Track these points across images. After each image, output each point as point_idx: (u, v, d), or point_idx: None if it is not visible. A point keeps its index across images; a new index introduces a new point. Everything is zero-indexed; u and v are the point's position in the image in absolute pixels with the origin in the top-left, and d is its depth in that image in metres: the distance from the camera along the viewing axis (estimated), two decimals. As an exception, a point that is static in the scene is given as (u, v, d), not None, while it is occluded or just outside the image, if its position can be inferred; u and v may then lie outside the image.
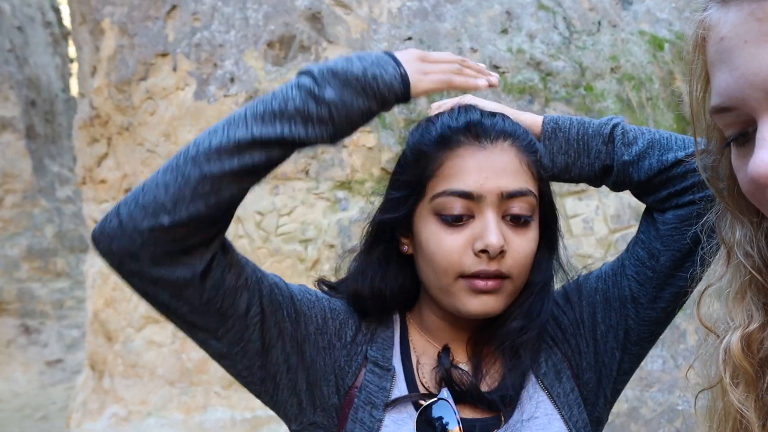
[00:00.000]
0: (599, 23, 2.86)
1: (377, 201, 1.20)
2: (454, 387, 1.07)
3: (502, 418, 1.07)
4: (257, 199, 2.82)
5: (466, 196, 1.02)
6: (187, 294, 0.96)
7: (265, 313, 1.04)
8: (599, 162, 1.13)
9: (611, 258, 1.18)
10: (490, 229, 1.02)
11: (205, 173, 0.92)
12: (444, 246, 1.04)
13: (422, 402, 1.06)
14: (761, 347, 0.70)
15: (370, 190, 2.82)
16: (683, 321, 2.45)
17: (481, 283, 1.03)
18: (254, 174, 0.96)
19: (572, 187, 2.75)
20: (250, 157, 0.94)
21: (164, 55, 2.99)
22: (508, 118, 1.12)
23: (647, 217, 1.15)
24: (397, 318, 1.16)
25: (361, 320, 1.14)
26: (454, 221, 1.03)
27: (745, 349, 0.71)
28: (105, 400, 3.30)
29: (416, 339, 1.15)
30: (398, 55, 1.03)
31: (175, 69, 2.96)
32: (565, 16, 2.86)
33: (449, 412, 1.06)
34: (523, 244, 1.06)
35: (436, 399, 1.06)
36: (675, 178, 1.09)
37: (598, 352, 1.16)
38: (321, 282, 1.22)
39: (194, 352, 2.80)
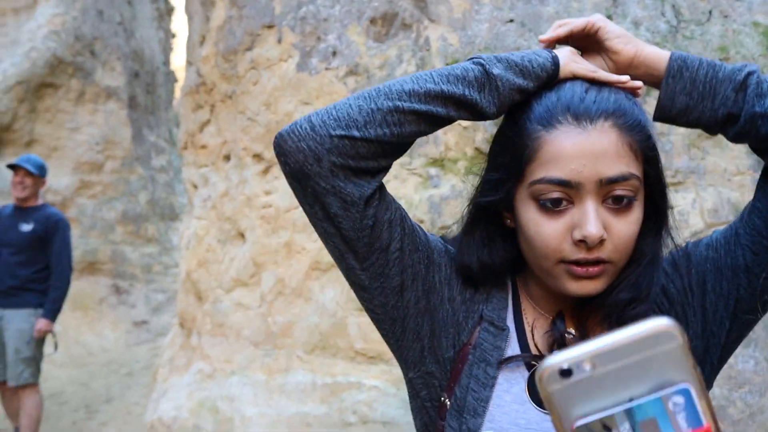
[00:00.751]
0: (710, 12, 2.77)
1: (473, 180, 1.24)
2: None
3: None
4: (350, 171, 2.89)
5: (564, 184, 1.03)
6: (352, 211, 1.06)
7: (404, 251, 1.11)
8: (724, 108, 1.08)
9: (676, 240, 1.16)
10: (589, 219, 1.03)
11: (397, 106, 1.05)
12: (543, 233, 1.07)
13: (534, 363, 1.09)
14: None
15: (463, 169, 2.83)
16: (780, 323, 2.36)
17: (580, 270, 1.06)
18: (432, 121, 1.07)
19: (669, 179, 2.68)
20: (434, 106, 1.05)
21: (270, 27, 3.09)
22: (614, 91, 1.09)
23: (765, 183, 1.11)
24: (509, 282, 1.19)
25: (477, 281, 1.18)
26: (553, 206, 1.05)
27: None
28: (192, 357, 3.46)
29: (527, 303, 1.19)
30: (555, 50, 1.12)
31: (279, 41, 3.05)
32: (674, 4, 2.79)
33: None
34: (624, 228, 1.06)
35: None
36: None
37: (707, 320, 1.16)
38: (445, 238, 1.27)
39: (279, 316, 2.90)
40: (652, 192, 1.11)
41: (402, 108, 1.05)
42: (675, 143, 2.65)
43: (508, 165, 1.10)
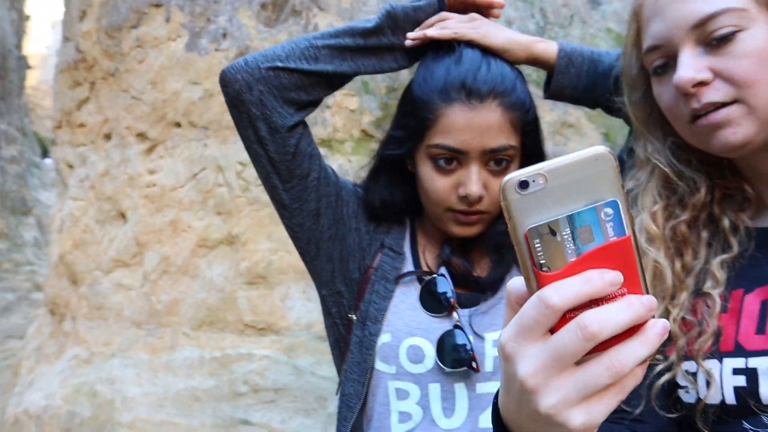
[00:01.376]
0: (571, 17, 3.10)
1: (381, 135, 1.46)
2: (451, 270, 1.31)
3: (489, 295, 1.31)
4: (239, 150, 2.93)
5: (455, 151, 1.24)
6: (277, 137, 1.28)
7: (321, 182, 1.31)
8: (604, 98, 1.32)
9: None
10: (472, 180, 1.24)
11: (312, 43, 1.29)
12: (435, 186, 1.28)
13: (425, 278, 1.31)
14: (664, 220, 1.01)
15: (350, 150, 2.97)
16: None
17: (463, 218, 1.28)
18: (342, 54, 1.30)
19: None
20: (343, 39, 1.29)
21: (158, 5, 3.07)
22: (503, 68, 1.29)
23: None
24: (407, 220, 1.40)
25: (379, 214, 1.38)
26: (446, 165, 1.26)
27: (651, 221, 1.01)
28: (65, 343, 3.33)
29: (421, 235, 1.39)
30: None
31: (168, 20, 3.04)
32: (541, 8, 3.09)
33: (445, 284, 1.29)
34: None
35: (437, 274, 1.30)
36: None
37: None
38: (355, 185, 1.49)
39: (164, 294, 2.88)
40: (530, 156, 1.31)
41: (316, 44, 1.28)
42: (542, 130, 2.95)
43: (411, 127, 1.29)
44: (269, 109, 1.26)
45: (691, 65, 0.91)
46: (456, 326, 1.25)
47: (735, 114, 0.91)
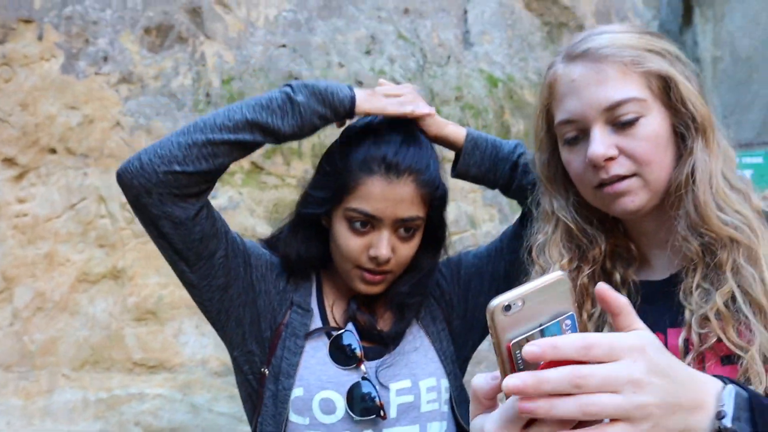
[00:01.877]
0: (448, 57, 3.31)
1: (300, 190, 1.51)
2: (357, 325, 1.43)
3: (391, 348, 1.44)
4: (123, 180, 2.83)
5: (370, 216, 1.37)
6: (182, 229, 1.29)
7: (228, 257, 1.37)
8: (503, 180, 1.52)
9: (451, 253, 1.57)
10: (383, 244, 1.37)
11: (209, 139, 1.28)
12: (349, 245, 1.39)
13: (333, 333, 1.42)
14: (572, 273, 1.14)
15: (240, 182, 2.96)
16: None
17: (369, 276, 1.41)
18: (242, 147, 1.32)
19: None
20: (242, 135, 1.30)
21: (28, 21, 2.87)
22: (420, 149, 1.42)
23: (523, 219, 1.55)
24: (314, 275, 1.50)
25: (289, 274, 1.47)
26: (360, 228, 1.38)
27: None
28: None
29: (328, 290, 1.49)
30: (357, 88, 1.41)
31: (40, 38, 2.86)
32: (421, 48, 3.28)
33: (353, 339, 1.42)
34: (406, 250, 1.43)
35: (344, 330, 1.42)
36: None
37: (468, 308, 1.54)
38: (261, 241, 1.56)
39: (39, 333, 2.69)
40: (434, 225, 1.48)
41: (214, 140, 1.29)
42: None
43: (332, 190, 1.41)
44: (170, 207, 1.27)
45: (603, 142, 1.07)
46: (364, 378, 1.38)
47: (634, 186, 1.08)
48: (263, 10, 3.11)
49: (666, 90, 1.08)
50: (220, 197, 2.88)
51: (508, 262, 1.49)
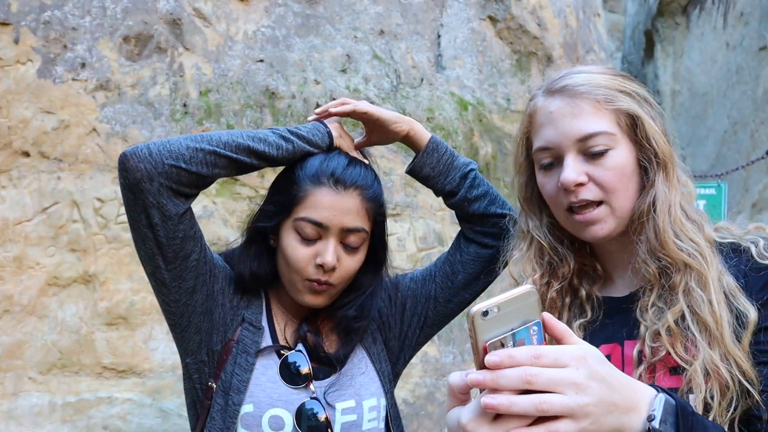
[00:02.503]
0: (421, 80, 3.42)
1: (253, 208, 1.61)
2: (306, 346, 1.51)
3: (338, 369, 1.52)
4: (98, 185, 2.84)
5: (318, 224, 1.46)
6: (169, 224, 1.37)
7: (200, 262, 1.45)
8: (450, 186, 1.64)
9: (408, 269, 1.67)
10: (329, 252, 1.46)
11: (215, 151, 1.40)
12: (297, 255, 1.48)
13: (284, 352, 1.50)
14: (542, 287, 1.25)
15: (214, 191, 2.99)
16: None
17: (316, 286, 1.48)
18: (238, 167, 1.44)
19: (390, 210, 3.21)
20: (242, 156, 1.42)
21: (5, 24, 2.88)
22: (365, 169, 1.55)
23: (457, 244, 1.69)
24: (262, 292, 1.58)
25: (243, 291, 1.55)
26: (308, 239, 1.46)
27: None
28: None
29: (276, 309, 1.57)
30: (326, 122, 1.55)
31: (17, 41, 2.87)
32: (395, 69, 3.37)
33: (303, 360, 1.50)
34: (350, 263, 1.52)
35: (294, 350, 1.50)
36: (488, 224, 1.63)
37: (403, 329, 1.66)
38: (221, 254, 1.64)
39: (5, 336, 2.68)
40: (376, 242, 1.59)
41: (219, 153, 1.40)
42: (395, 182, 3.20)
43: (282, 203, 1.50)
44: (165, 198, 1.35)
45: (574, 169, 1.18)
46: (313, 398, 1.46)
47: (603, 214, 1.19)
48: (242, 26, 3.17)
49: (633, 127, 1.20)
50: (194, 205, 2.89)
51: (438, 285, 1.63)
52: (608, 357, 1.17)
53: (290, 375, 1.47)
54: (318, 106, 3.17)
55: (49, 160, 2.83)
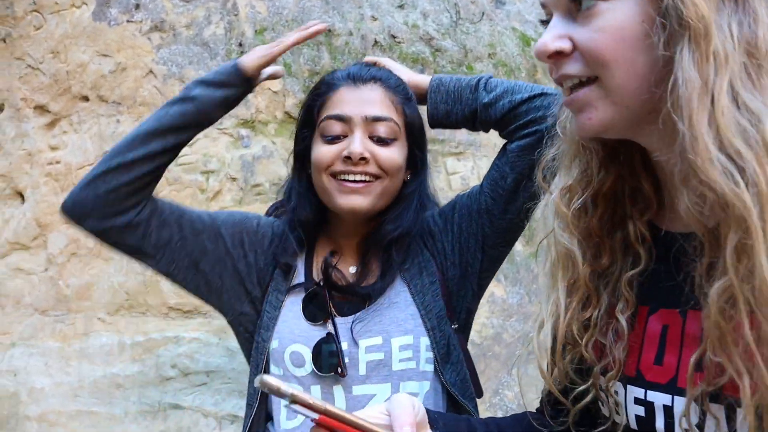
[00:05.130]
0: (482, 14, 3.28)
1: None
2: (335, 281, 1.46)
3: (366, 304, 1.44)
4: (157, 128, 2.82)
5: (339, 118, 1.40)
6: (127, 234, 1.41)
7: (186, 239, 1.46)
8: (468, 107, 1.49)
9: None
10: (355, 141, 1.39)
11: (124, 159, 1.44)
12: (322, 153, 1.42)
13: (310, 288, 1.46)
14: (571, 200, 0.93)
15: (273, 131, 2.95)
16: (535, 266, 2.92)
17: (347, 184, 1.40)
18: (159, 155, 1.45)
19: (452, 149, 3.12)
20: (154, 144, 1.43)
21: (59, -32, 2.85)
22: (385, 70, 1.50)
23: (502, 150, 1.52)
24: (310, 237, 1.53)
25: (279, 234, 1.53)
26: (333, 140, 1.41)
27: (562, 199, 0.95)
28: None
29: (322, 246, 1.53)
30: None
31: (72, -15, 2.84)
32: (455, 3, 3.24)
33: (322, 296, 1.45)
34: (387, 153, 1.41)
35: (316, 286, 1.45)
36: (520, 115, 1.44)
37: (462, 253, 1.50)
38: (272, 206, 1.67)
39: (74, 278, 2.71)
40: (413, 143, 1.47)
41: (127, 160, 1.42)
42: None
43: (307, 119, 1.48)
44: (110, 221, 1.42)
45: (551, 31, 0.81)
46: (329, 334, 1.40)
47: (591, 96, 0.81)
48: (296, -39, 3.08)
49: None
50: (254, 146, 2.87)
51: (488, 195, 1.48)
52: (665, 328, 0.85)
53: (311, 311, 1.43)
54: (376, 43, 3.08)
55: (108, 104, 2.82)
